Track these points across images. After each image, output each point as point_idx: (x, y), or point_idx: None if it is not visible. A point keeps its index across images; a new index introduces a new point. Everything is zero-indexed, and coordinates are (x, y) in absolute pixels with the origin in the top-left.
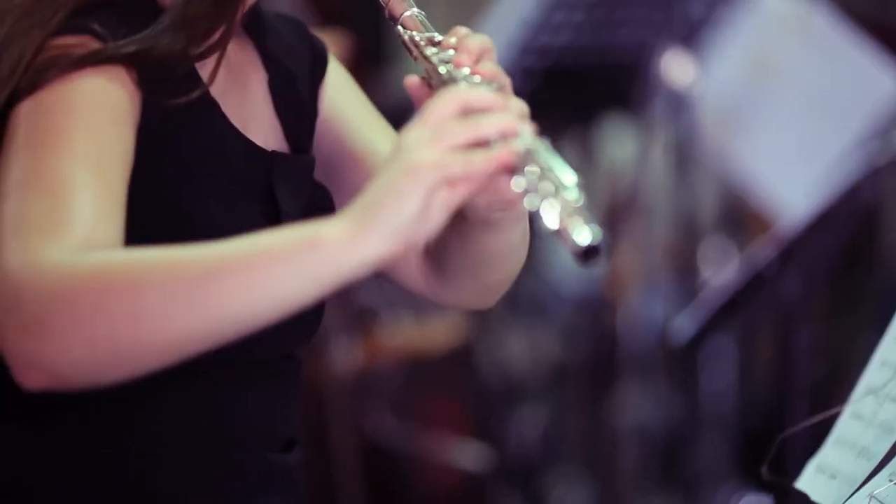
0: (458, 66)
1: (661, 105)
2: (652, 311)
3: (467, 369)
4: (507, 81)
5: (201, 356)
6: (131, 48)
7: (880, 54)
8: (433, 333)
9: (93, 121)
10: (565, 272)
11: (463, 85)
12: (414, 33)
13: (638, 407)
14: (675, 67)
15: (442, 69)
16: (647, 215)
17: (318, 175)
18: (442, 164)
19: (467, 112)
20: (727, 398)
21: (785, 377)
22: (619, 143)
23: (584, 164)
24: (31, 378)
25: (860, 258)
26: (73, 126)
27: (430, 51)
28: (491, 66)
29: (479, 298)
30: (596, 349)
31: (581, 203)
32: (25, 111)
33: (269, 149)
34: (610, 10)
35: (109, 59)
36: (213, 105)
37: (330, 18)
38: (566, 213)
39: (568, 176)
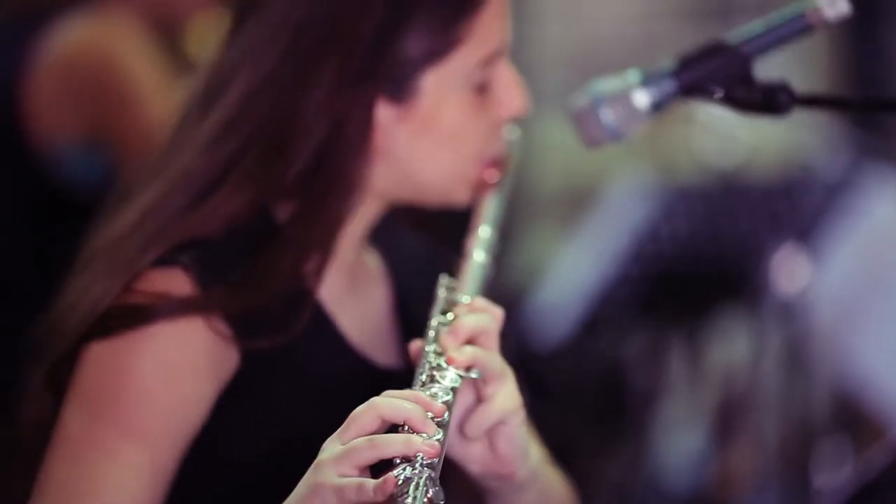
0: (443, 347)
1: (773, 306)
2: None
3: None
4: (488, 364)
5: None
6: (218, 296)
7: None
8: None
9: (155, 386)
10: (673, 471)
11: (424, 375)
12: (445, 294)
13: None
14: (787, 270)
15: (428, 348)
16: (759, 416)
17: None
18: (339, 490)
19: (385, 424)
20: None
21: None
22: (731, 343)
23: (696, 365)
24: None
25: None
26: (131, 392)
27: (434, 322)
28: (470, 352)
29: None
30: None
31: None
32: (95, 356)
33: (384, 362)
34: (720, 217)
35: (192, 311)
36: (326, 321)
37: None
38: None
39: None
